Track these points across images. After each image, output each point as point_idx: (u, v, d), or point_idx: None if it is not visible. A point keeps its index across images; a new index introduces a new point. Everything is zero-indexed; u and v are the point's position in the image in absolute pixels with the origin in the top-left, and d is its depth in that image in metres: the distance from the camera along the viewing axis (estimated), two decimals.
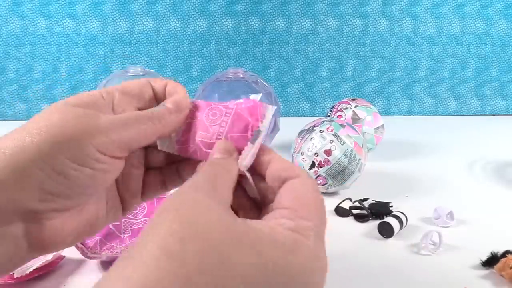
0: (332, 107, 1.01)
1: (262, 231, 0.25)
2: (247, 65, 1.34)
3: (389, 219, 0.65)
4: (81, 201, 0.30)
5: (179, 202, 0.24)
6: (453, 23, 1.35)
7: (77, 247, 0.54)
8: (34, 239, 0.28)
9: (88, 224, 0.31)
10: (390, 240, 0.64)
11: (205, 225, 0.23)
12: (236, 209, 0.32)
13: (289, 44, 1.34)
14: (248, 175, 0.31)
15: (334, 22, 1.33)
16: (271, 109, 0.33)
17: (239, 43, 1.33)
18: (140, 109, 0.33)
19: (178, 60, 1.33)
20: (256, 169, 0.32)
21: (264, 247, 0.24)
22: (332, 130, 0.77)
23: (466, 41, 1.36)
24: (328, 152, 0.75)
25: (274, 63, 1.35)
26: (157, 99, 0.35)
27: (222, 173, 0.29)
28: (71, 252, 0.57)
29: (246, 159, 0.31)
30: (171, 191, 0.33)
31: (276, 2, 1.31)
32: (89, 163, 0.28)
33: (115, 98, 0.32)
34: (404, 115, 1.40)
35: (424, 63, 1.38)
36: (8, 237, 0.26)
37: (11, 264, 0.28)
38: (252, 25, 1.32)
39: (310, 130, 0.79)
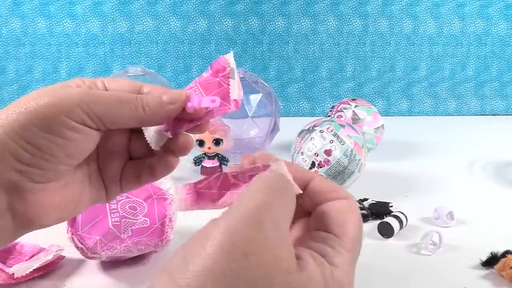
0: (332, 107, 1.01)
1: (317, 277, 0.25)
2: (247, 65, 1.34)
3: (389, 219, 0.65)
4: (60, 174, 0.30)
5: (247, 243, 0.23)
6: (453, 23, 1.35)
7: (77, 247, 0.54)
8: (18, 213, 0.29)
9: (72, 203, 0.32)
10: (390, 240, 0.64)
11: (273, 285, 0.23)
12: None
13: (289, 44, 1.34)
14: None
15: (334, 22, 1.33)
16: (229, 55, 0.33)
17: (239, 43, 1.33)
18: None
19: (178, 60, 1.33)
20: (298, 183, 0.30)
21: None
22: (332, 130, 0.77)
23: (466, 41, 1.36)
24: (328, 152, 0.75)
25: (274, 63, 1.35)
26: None
27: (288, 191, 0.27)
28: (71, 252, 0.57)
29: (235, 92, 0.32)
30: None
31: (276, 2, 1.31)
32: (59, 132, 0.28)
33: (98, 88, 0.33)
34: (404, 115, 1.40)
35: (424, 63, 1.38)
36: None
37: None
38: (252, 25, 1.32)
39: (310, 130, 0.79)
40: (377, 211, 0.71)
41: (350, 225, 0.28)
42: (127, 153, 0.35)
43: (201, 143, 0.84)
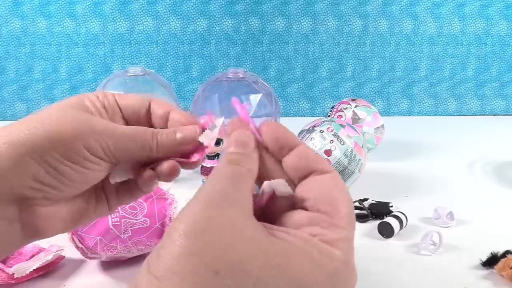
0: (332, 107, 1.01)
1: (297, 248, 0.24)
2: (247, 65, 1.34)
3: (389, 219, 0.65)
4: (71, 193, 0.32)
5: (205, 221, 0.23)
6: (453, 23, 1.35)
7: (77, 247, 0.54)
8: (26, 223, 0.30)
9: (78, 215, 0.34)
10: (390, 240, 0.64)
11: (240, 254, 0.22)
12: None
13: (289, 44, 1.34)
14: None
15: (334, 22, 1.33)
16: (219, 120, 0.35)
17: (239, 43, 1.33)
18: (126, 122, 0.35)
19: (178, 60, 1.33)
20: (273, 153, 0.29)
21: (302, 274, 0.23)
22: (332, 130, 0.77)
23: (466, 41, 1.36)
24: (328, 152, 0.75)
25: (274, 63, 1.35)
26: (153, 121, 0.36)
27: (243, 175, 0.27)
28: (71, 252, 0.57)
29: (206, 138, 0.33)
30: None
31: (276, 2, 1.31)
32: (79, 161, 0.30)
33: (110, 105, 0.35)
34: (404, 115, 1.40)
35: (424, 63, 1.38)
36: (3, 218, 0.29)
37: (6, 245, 0.31)
38: (252, 25, 1.32)
39: (310, 130, 0.79)
40: (377, 211, 0.71)
41: (341, 201, 0.27)
42: None
43: None
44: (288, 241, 0.24)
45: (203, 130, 0.34)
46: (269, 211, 0.28)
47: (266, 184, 0.28)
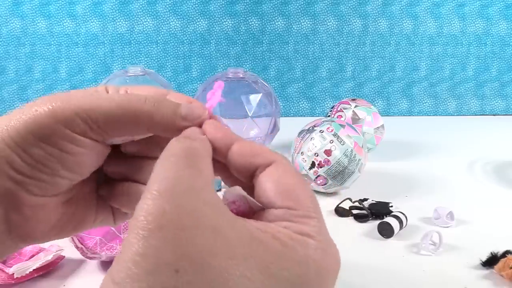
0: (332, 107, 1.01)
1: (270, 240, 0.22)
2: (247, 65, 1.34)
3: (389, 219, 0.65)
4: (59, 188, 0.28)
5: (160, 215, 0.20)
6: (453, 23, 1.35)
7: (77, 247, 0.54)
8: (14, 225, 0.27)
9: (73, 221, 0.30)
10: (390, 240, 0.64)
11: (200, 246, 0.20)
12: None
13: (289, 44, 1.34)
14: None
15: (334, 22, 1.33)
16: None
17: (239, 43, 1.33)
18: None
19: (178, 60, 1.33)
20: (215, 154, 0.26)
21: (274, 264, 0.21)
22: (332, 130, 0.77)
23: (466, 41, 1.36)
24: (328, 152, 0.75)
25: (274, 63, 1.35)
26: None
27: (197, 151, 0.24)
28: (71, 252, 0.57)
29: None
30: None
31: (276, 2, 1.31)
32: (57, 143, 0.26)
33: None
34: (404, 115, 1.40)
35: (424, 63, 1.38)
36: None
37: None
38: (252, 25, 1.32)
39: (310, 130, 0.79)
40: (377, 211, 0.71)
41: (297, 189, 0.24)
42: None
43: None
44: (257, 228, 0.22)
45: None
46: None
47: (225, 193, 0.25)
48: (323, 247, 0.23)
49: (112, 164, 0.30)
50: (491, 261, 0.56)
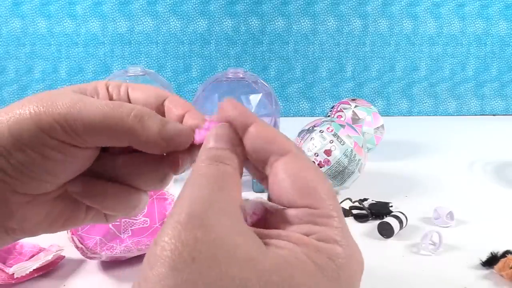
0: (332, 107, 1.01)
1: (295, 257, 0.21)
2: (247, 65, 1.34)
3: (389, 219, 0.65)
4: (45, 189, 0.27)
5: (192, 245, 0.19)
6: (453, 23, 1.35)
7: (77, 247, 0.54)
8: (2, 221, 0.27)
9: (62, 218, 0.30)
10: (390, 240, 0.64)
11: (235, 280, 0.19)
12: None
13: (289, 44, 1.34)
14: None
15: (334, 22, 1.33)
16: None
17: (239, 43, 1.33)
18: None
19: (178, 60, 1.33)
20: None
21: (305, 285, 0.20)
22: (332, 130, 0.77)
23: (466, 41, 1.36)
24: (328, 152, 0.75)
25: (274, 63, 1.35)
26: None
27: (228, 174, 0.23)
28: (71, 252, 0.57)
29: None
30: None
31: (276, 2, 1.31)
32: (38, 149, 0.25)
33: (120, 99, 0.30)
34: (404, 115, 1.40)
35: (424, 63, 1.38)
36: None
37: None
38: (252, 25, 1.32)
39: (310, 130, 0.79)
40: (377, 211, 0.71)
41: (317, 183, 0.23)
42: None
43: None
44: (284, 250, 0.21)
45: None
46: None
47: (245, 205, 0.24)
48: (350, 254, 0.22)
49: (97, 163, 0.29)
50: (491, 261, 0.56)
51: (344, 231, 0.22)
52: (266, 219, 0.23)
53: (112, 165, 0.29)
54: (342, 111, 0.97)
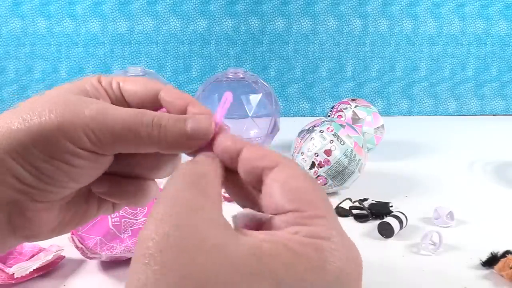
0: (332, 107, 1.01)
1: (278, 250, 0.20)
2: (247, 65, 1.34)
3: (389, 219, 0.65)
4: (63, 194, 0.28)
5: (165, 241, 0.20)
6: (453, 23, 1.35)
7: (77, 247, 0.54)
8: (18, 227, 0.27)
9: (76, 217, 0.30)
10: (390, 240, 0.64)
11: (207, 272, 0.19)
12: None
13: (289, 44, 1.34)
14: None
15: (334, 22, 1.33)
16: None
17: (239, 43, 1.33)
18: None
19: (178, 60, 1.33)
20: (227, 163, 0.26)
21: (286, 275, 0.20)
22: (332, 130, 0.77)
23: (466, 41, 1.36)
24: (328, 152, 0.75)
25: (274, 63, 1.35)
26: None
27: (205, 173, 0.24)
28: (71, 252, 0.57)
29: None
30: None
31: (276, 2, 1.31)
32: (62, 157, 0.26)
33: (114, 94, 0.30)
34: (404, 115, 1.40)
35: (424, 63, 1.38)
36: None
37: None
38: (252, 25, 1.32)
39: (310, 130, 0.79)
40: (377, 211, 0.71)
41: (304, 189, 0.23)
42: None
43: None
44: (261, 240, 0.21)
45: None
46: None
47: (234, 219, 0.24)
48: (339, 249, 0.21)
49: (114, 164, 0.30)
50: (491, 261, 0.56)
51: (334, 229, 0.22)
52: (258, 230, 0.23)
53: (128, 162, 0.30)
54: (342, 111, 0.97)
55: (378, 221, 0.66)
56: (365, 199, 0.75)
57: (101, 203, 0.31)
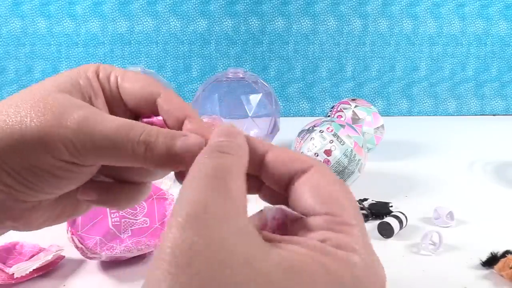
0: (332, 107, 1.01)
1: (309, 266, 0.20)
2: (247, 65, 1.34)
3: (389, 219, 0.65)
4: (48, 198, 0.27)
5: (187, 250, 0.18)
6: (453, 23, 1.35)
7: (77, 247, 0.54)
8: (5, 220, 0.26)
9: (67, 212, 0.29)
10: (390, 240, 0.64)
11: (233, 283, 0.18)
12: None
13: (289, 44, 1.34)
14: None
15: (334, 22, 1.33)
16: None
17: (239, 43, 1.33)
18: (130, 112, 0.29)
19: (178, 60, 1.33)
20: (251, 168, 0.24)
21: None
22: (332, 130, 0.77)
23: (466, 41, 1.36)
24: (328, 152, 0.75)
25: (274, 63, 1.35)
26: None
27: (230, 167, 0.22)
28: (71, 252, 0.57)
29: None
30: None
31: (276, 2, 1.31)
32: (43, 167, 0.25)
33: (111, 92, 0.28)
34: (404, 115, 1.40)
35: (424, 63, 1.38)
36: None
37: None
38: (252, 25, 1.32)
39: (310, 130, 0.79)
40: (377, 211, 0.71)
41: (340, 193, 0.23)
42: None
43: None
44: (291, 252, 0.20)
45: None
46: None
47: (264, 210, 0.23)
48: (368, 264, 0.21)
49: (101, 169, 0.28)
50: (491, 261, 0.56)
51: (364, 241, 0.22)
52: (287, 227, 0.23)
53: (116, 168, 0.28)
54: (342, 111, 0.97)
55: (378, 221, 0.66)
56: (365, 199, 0.75)
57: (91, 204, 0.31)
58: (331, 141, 0.76)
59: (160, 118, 0.28)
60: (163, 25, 1.31)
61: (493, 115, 1.41)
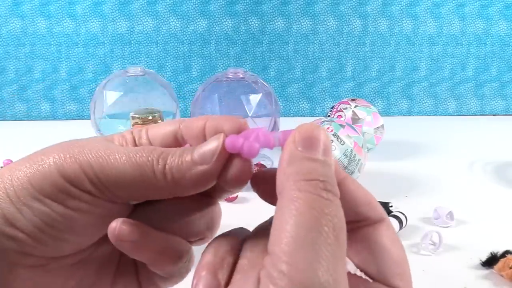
0: (332, 107, 1.01)
1: None
2: (247, 65, 1.34)
3: None
4: (61, 250, 0.23)
5: None
6: (453, 23, 1.35)
7: None
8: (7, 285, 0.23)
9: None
10: None
11: None
12: None
13: (289, 44, 1.34)
14: None
15: (334, 22, 1.33)
16: None
17: (239, 43, 1.33)
18: None
19: (178, 60, 1.33)
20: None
21: None
22: (332, 130, 0.77)
23: (466, 41, 1.36)
24: None
25: (274, 63, 1.35)
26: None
27: (339, 224, 0.19)
28: None
29: None
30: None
31: (276, 2, 1.31)
32: (61, 198, 0.22)
33: (142, 142, 0.26)
34: (404, 115, 1.40)
35: (424, 63, 1.38)
36: None
37: None
38: (252, 25, 1.32)
39: None
40: None
41: (406, 263, 0.22)
42: None
43: None
44: None
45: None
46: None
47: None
48: None
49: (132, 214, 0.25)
50: (491, 261, 0.56)
51: None
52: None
53: (152, 214, 0.25)
54: (342, 111, 0.97)
55: None
56: None
57: (119, 273, 0.26)
58: (331, 141, 0.76)
59: (188, 145, 0.26)
60: (163, 25, 1.31)
61: (493, 115, 1.41)
